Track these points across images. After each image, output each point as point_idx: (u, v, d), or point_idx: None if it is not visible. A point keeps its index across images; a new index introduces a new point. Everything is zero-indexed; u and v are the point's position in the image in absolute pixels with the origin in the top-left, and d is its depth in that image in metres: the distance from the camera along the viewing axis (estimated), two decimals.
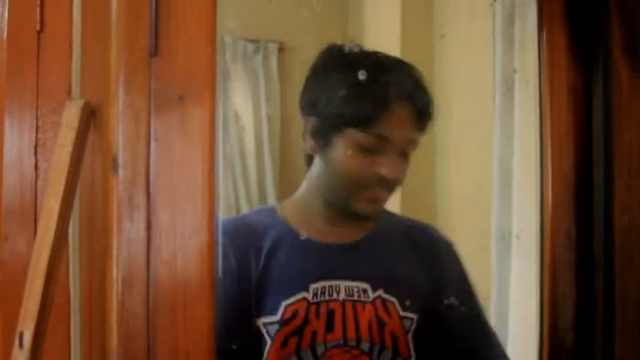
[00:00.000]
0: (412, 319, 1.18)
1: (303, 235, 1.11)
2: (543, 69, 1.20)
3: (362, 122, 1.10)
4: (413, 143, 1.15)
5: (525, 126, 2.36)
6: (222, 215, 3.16)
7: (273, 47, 3.36)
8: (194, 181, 0.75)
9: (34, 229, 0.92)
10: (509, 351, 2.36)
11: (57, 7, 0.96)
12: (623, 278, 1.13)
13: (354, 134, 1.11)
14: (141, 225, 0.73)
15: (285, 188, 1.21)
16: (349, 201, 1.14)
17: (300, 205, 1.22)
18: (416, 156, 1.17)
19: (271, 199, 3.25)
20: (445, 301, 1.19)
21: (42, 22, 0.96)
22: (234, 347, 1.08)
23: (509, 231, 2.41)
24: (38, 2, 0.96)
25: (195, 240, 0.75)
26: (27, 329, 0.74)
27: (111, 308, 0.72)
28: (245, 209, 3.29)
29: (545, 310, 1.16)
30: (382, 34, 2.98)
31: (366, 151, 1.11)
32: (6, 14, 0.98)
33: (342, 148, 1.12)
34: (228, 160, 3.26)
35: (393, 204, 1.32)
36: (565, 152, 1.17)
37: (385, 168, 1.11)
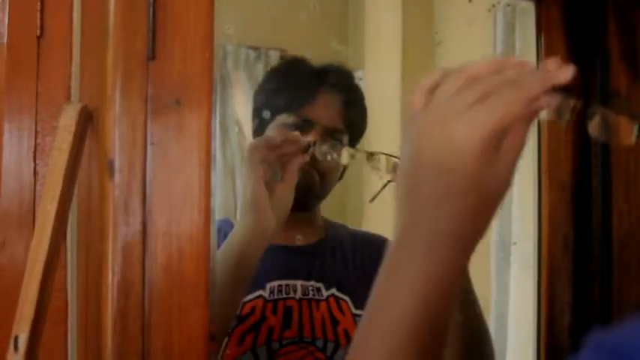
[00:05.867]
0: None
1: None
2: None
3: (289, 106, 1.19)
4: (339, 133, 1.21)
5: None
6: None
7: (274, 54, 3.36)
8: (190, 186, 0.76)
9: (32, 234, 0.92)
10: (509, 356, 2.36)
11: (57, 12, 0.96)
12: (620, 285, 1.13)
13: (283, 117, 1.20)
14: (137, 229, 0.73)
15: None
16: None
17: None
18: None
19: None
20: None
21: (42, 28, 0.96)
22: None
23: (509, 238, 2.41)
24: (38, 7, 0.96)
25: (191, 245, 0.75)
26: (22, 333, 0.74)
27: (106, 312, 0.72)
28: None
29: (542, 316, 1.16)
30: (383, 41, 2.99)
31: (291, 130, 1.18)
32: (6, 19, 0.98)
33: (273, 130, 1.20)
34: (229, 167, 3.26)
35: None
36: (563, 159, 1.18)
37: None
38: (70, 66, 0.95)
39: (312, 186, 1.20)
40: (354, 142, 1.27)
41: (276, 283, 1.20)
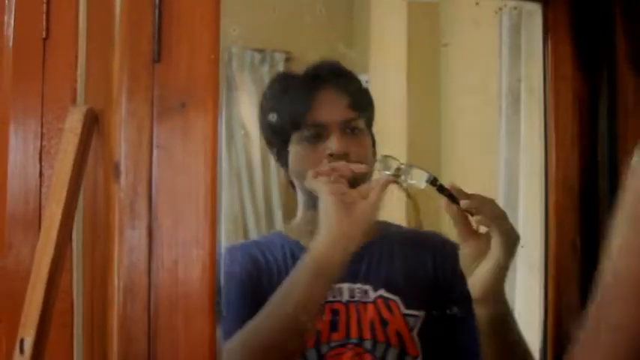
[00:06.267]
0: (417, 316, 1.20)
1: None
2: (549, 78, 1.20)
3: (296, 122, 1.19)
4: (355, 120, 1.21)
5: (531, 135, 2.36)
6: (227, 226, 3.17)
7: (279, 57, 3.36)
8: (196, 189, 0.75)
9: (38, 237, 0.92)
10: None
11: (63, 14, 0.96)
12: None
13: (297, 135, 1.20)
14: (142, 232, 0.73)
15: (291, 198, 1.22)
16: None
17: (303, 222, 1.26)
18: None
19: (277, 209, 3.25)
20: (450, 300, 1.19)
21: (47, 30, 0.96)
22: None
23: None
24: (44, 10, 0.97)
25: (197, 248, 0.75)
26: (28, 335, 0.74)
27: (112, 315, 0.72)
28: (251, 219, 3.28)
29: (549, 321, 1.15)
30: (388, 43, 2.98)
31: (312, 144, 1.19)
32: (12, 22, 0.99)
33: (294, 152, 1.21)
34: (234, 170, 3.26)
35: (398, 214, 1.33)
36: (570, 161, 1.17)
37: (330, 146, 1.18)
38: (76, 68, 0.95)
39: (356, 185, 1.20)
40: (370, 122, 1.27)
41: None
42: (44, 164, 0.97)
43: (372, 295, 1.21)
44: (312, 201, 1.19)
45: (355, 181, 1.13)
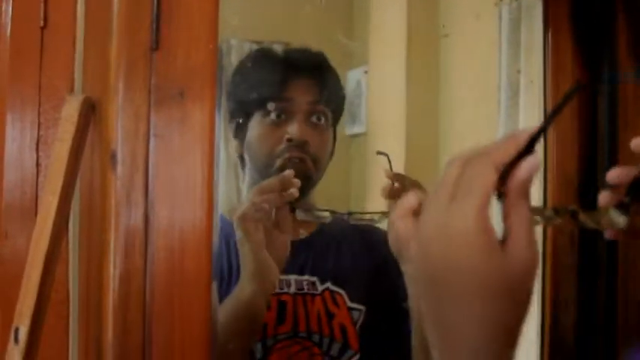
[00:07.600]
0: (360, 310, 1.20)
1: None
2: (548, 72, 1.20)
3: (265, 98, 1.19)
4: (321, 113, 1.21)
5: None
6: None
7: (278, 49, 3.35)
8: (193, 178, 0.75)
9: (34, 226, 0.92)
10: None
11: (61, 3, 0.96)
12: (625, 283, 1.12)
13: (261, 112, 1.20)
14: (139, 221, 0.73)
15: None
16: (272, 169, 1.18)
17: None
18: (418, 158, 1.18)
19: None
20: (390, 297, 1.18)
21: (45, 19, 0.96)
22: None
23: None
24: None
25: (193, 237, 0.75)
26: (23, 325, 0.73)
27: (107, 304, 0.72)
28: None
29: (546, 314, 1.15)
30: (388, 34, 2.98)
31: (274, 122, 1.19)
32: (9, 10, 0.98)
33: (254, 129, 1.21)
34: (232, 159, 3.26)
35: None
36: (569, 155, 1.17)
37: (291, 131, 1.18)
38: (74, 57, 0.95)
39: (309, 176, 1.20)
40: (336, 120, 1.26)
41: None
42: (41, 154, 0.96)
43: (320, 287, 1.20)
44: (262, 180, 1.18)
45: (306, 178, 1.14)
